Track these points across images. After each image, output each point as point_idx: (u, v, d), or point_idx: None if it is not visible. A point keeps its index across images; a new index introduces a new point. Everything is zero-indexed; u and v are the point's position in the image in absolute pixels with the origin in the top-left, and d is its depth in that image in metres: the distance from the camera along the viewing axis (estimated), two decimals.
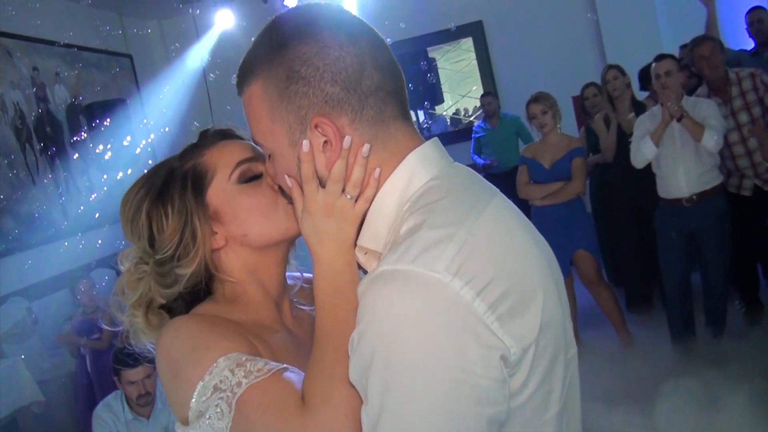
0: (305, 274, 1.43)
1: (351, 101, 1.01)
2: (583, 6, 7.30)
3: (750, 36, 5.28)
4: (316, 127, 1.01)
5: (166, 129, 6.44)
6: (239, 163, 1.28)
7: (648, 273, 5.22)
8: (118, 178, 5.55)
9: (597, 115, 5.51)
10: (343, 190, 1.05)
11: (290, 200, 1.15)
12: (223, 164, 1.28)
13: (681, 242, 4.42)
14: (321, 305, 1.08)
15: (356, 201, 1.05)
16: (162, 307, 1.31)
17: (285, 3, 6.89)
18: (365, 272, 1.06)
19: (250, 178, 1.28)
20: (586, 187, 5.10)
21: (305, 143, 1.03)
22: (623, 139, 5.08)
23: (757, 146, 4.45)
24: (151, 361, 1.27)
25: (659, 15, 6.92)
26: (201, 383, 1.11)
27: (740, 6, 5.48)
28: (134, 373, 3.42)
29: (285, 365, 1.13)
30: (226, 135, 1.34)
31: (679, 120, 4.22)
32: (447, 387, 0.87)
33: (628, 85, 5.30)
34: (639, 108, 5.18)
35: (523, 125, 6.48)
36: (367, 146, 1.02)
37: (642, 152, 4.41)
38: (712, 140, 4.16)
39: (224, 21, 6.87)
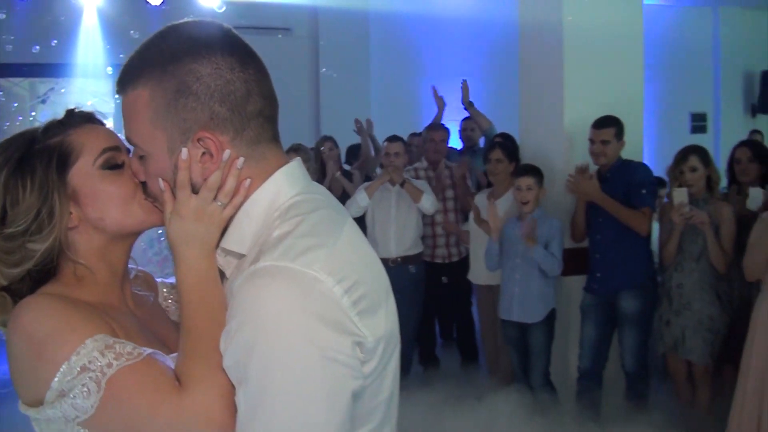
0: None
1: (234, 122, 1.11)
2: (309, 79, 7.97)
3: (460, 138, 6.35)
4: (198, 140, 1.11)
5: None
6: (105, 150, 1.28)
7: None
8: None
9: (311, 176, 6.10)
10: (215, 198, 1.14)
11: (152, 198, 1.24)
12: (89, 147, 1.28)
13: None
14: (188, 300, 1.14)
15: (225, 207, 1.15)
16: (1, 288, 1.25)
17: None
18: (222, 274, 1.18)
19: (113, 166, 1.28)
20: None
21: (184, 152, 1.11)
22: None
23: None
24: None
25: (373, 104, 7.87)
26: (66, 363, 1.11)
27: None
28: None
29: (153, 350, 1.18)
30: (91, 119, 1.35)
31: (402, 185, 4.94)
32: (322, 364, 1.00)
33: (338, 156, 6.03)
34: (345, 174, 5.91)
35: None
36: (241, 159, 1.13)
37: (356, 201, 5.02)
38: (428, 202, 4.98)
39: None
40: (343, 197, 5.49)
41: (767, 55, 9.31)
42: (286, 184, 1.16)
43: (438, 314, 5.88)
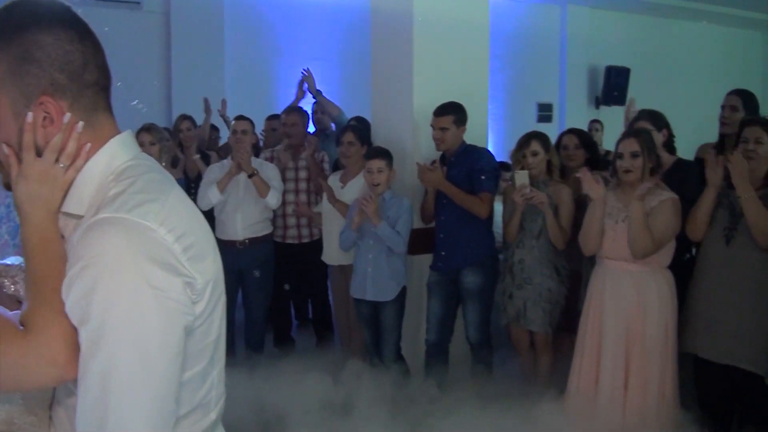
0: None
1: (72, 89, 1.23)
2: (160, 56, 7.73)
3: (312, 122, 6.33)
4: (40, 104, 1.21)
5: None
6: None
7: None
8: None
9: (165, 156, 5.94)
10: (57, 160, 1.24)
11: None
12: None
13: (231, 280, 5.02)
14: (33, 255, 1.23)
15: (67, 170, 1.25)
16: None
17: None
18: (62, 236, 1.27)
19: None
20: None
21: (30, 115, 1.21)
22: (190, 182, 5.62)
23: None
24: None
25: (227, 83, 7.74)
26: None
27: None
28: None
29: None
30: None
31: (250, 176, 4.91)
32: (156, 301, 1.13)
33: (197, 136, 5.92)
34: (204, 156, 5.82)
35: None
36: (81, 123, 1.24)
37: (208, 197, 4.96)
38: (274, 199, 4.99)
39: None
40: (200, 179, 5.38)
41: (611, 52, 9.94)
42: (120, 151, 1.28)
43: (293, 295, 5.89)
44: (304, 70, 5.89)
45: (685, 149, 4.41)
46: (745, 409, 3.62)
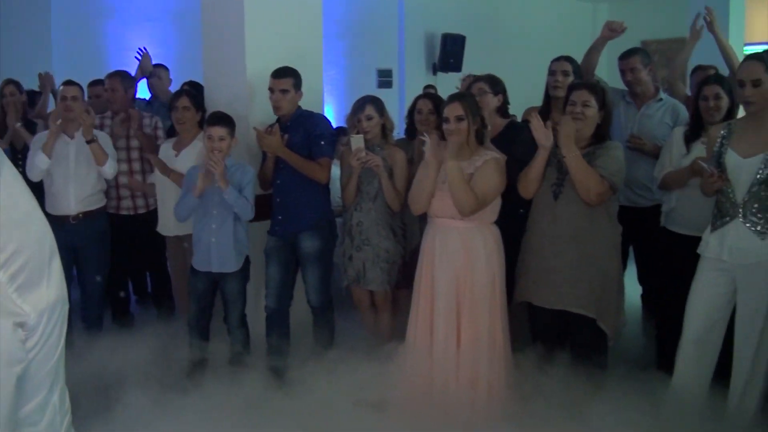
0: None
1: None
2: None
3: (148, 88, 6.14)
4: None
5: None
6: None
7: None
8: None
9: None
10: None
11: None
12: None
13: (65, 257, 4.76)
14: None
15: None
16: None
17: None
18: None
19: None
20: None
21: None
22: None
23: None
24: None
25: (54, 46, 7.27)
26: None
27: None
28: None
29: None
30: None
31: (89, 142, 4.69)
32: None
33: (23, 103, 5.58)
34: (29, 125, 5.49)
35: None
36: None
37: (36, 165, 4.68)
38: (111, 168, 4.84)
39: None
40: (27, 150, 5.07)
41: (447, 19, 10.20)
42: None
43: (130, 270, 5.69)
44: (139, 50, 5.69)
45: (514, 112, 4.65)
46: (576, 347, 3.90)
